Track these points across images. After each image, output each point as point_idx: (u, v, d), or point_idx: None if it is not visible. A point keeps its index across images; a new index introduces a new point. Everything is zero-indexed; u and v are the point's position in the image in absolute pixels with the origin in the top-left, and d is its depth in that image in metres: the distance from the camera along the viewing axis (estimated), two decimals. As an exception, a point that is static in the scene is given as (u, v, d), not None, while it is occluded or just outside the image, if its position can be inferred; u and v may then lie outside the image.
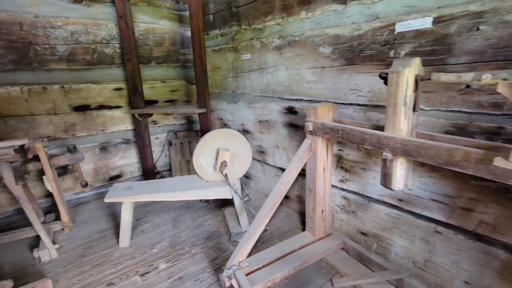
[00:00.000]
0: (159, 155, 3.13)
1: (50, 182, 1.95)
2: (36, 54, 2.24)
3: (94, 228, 2.19)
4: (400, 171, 1.20)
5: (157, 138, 3.10)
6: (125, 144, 2.87)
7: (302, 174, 1.83)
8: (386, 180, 1.23)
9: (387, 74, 1.13)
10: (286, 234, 2.04)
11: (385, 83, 1.15)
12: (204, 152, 1.91)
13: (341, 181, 1.86)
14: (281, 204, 2.48)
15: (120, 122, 2.79)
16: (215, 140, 1.90)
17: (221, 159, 1.87)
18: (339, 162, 1.84)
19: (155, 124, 3.07)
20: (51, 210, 2.36)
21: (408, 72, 1.06)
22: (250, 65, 2.41)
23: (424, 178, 1.40)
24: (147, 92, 2.86)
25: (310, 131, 1.61)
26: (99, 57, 2.54)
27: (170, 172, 3.24)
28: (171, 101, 3.13)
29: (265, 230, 2.03)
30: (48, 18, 2.24)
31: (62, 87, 2.41)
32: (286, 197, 2.41)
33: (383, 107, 1.53)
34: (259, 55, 2.29)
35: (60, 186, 2.08)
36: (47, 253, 1.82)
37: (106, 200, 1.76)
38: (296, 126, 2.10)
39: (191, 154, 2.96)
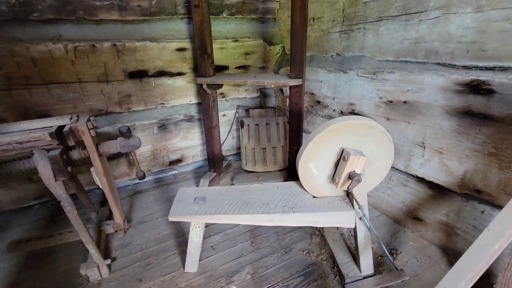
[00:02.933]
0: (225, 137, 2.51)
1: (99, 176, 1.45)
2: (82, -2, 1.65)
3: (153, 234, 1.70)
4: None
5: (224, 115, 2.45)
6: (187, 122, 2.29)
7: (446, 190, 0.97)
8: None
9: None
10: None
11: None
12: (318, 153, 1.16)
13: None
14: (405, 227, 1.69)
15: (182, 94, 2.18)
16: (339, 136, 1.12)
17: (349, 168, 1.10)
18: None
19: (223, 97, 2.40)
20: (105, 200, 1.94)
21: None
22: (382, 9, 1.49)
23: None
24: (215, 54, 2.15)
25: None
26: (158, 4, 1.87)
27: (237, 156, 2.63)
28: (244, 68, 2.39)
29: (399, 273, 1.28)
30: None
31: (114, 45, 1.83)
32: (417, 218, 1.59)
33: None
34: (408, -11, 1.35)
35: (113, 180, 1.58)
36: (96, 271, 1.37)
37: (171, 218, 1.18)
38: (482, 117, 1.19)
39: (269, 140, 2.26)
